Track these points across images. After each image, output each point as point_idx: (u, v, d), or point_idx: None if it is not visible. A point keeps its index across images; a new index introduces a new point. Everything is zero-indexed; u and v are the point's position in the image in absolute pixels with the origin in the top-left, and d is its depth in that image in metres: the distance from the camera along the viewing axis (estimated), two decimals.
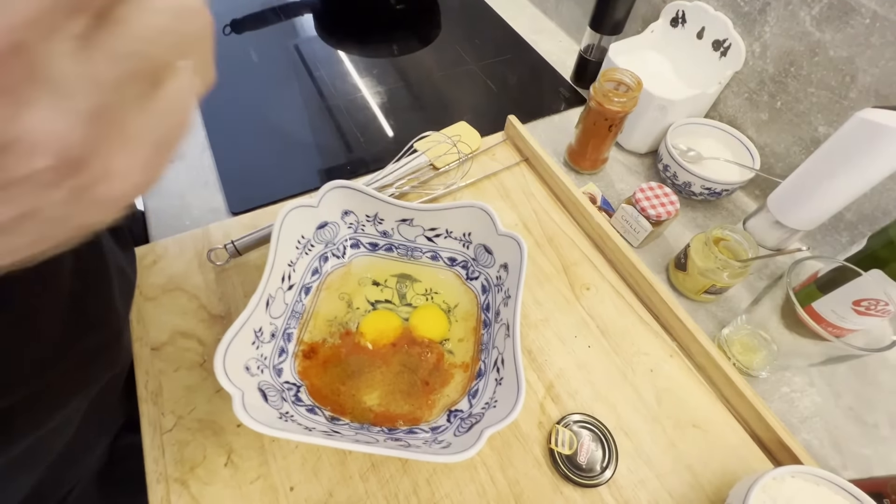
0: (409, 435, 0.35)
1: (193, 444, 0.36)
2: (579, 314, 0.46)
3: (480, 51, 0.77)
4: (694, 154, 0.57)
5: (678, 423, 0.40)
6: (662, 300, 0.45)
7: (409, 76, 0.72)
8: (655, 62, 0.63)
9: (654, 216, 0.49)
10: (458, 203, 0.43)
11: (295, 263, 0.40)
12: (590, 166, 0.60)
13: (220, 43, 0.73)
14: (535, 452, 0.38)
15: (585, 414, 0.39)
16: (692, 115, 0.59)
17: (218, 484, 0.35)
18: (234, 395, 0.29)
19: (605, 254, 0.50)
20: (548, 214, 0.53)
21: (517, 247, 0.39)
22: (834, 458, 0.42)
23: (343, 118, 0.64)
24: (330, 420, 0.35)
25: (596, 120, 0.54)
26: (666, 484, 0.38)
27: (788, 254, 0.44)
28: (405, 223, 0.44)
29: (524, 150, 0.58)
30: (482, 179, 0.55)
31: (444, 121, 0.60)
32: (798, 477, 0.33)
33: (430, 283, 0.45)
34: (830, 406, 0.44)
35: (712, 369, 0.42)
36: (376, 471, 0.36)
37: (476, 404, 0.36)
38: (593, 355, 0.43)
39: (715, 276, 0.46)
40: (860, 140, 0.41)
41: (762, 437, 0.40)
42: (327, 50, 0.75)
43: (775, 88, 0.53)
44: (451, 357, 0.40)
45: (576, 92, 0.71)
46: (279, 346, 0.37)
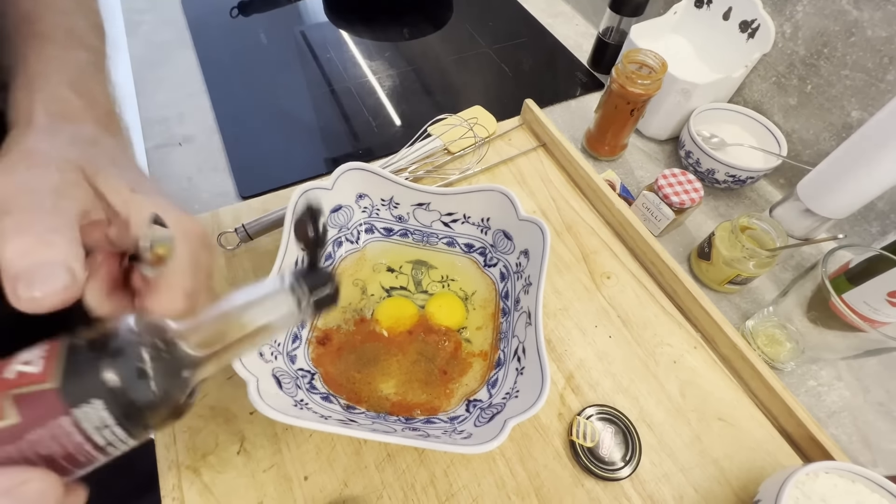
0: (427, 425, 0.34)
1: (205, 431, 0.35)
2: (600, 303, 0.44)
3: (494, 34, 0.74)
4: (717, 140, 0.55)
5: (703, 416, 0.39)
6: (686, 290, 0.43)
7: (421, 60, 0.70)
8: (678, 45, 0.61)
9: (677, 203, 0.47)
10: (477, 186, 0.41)
11: None
12: (609, 153, 0.58)
13: (228, 25, 0.71)
14: (556, 444, 0.37)
15: (607, 406, 0.38)
16: (716, 99, 0.57)
17: (231, 472, 0.34)
18: (248, 381, 0.28)
19: (625, 242, 0.49)
20: (566, 201, 0.52)
21: (539, 232, 0.38)
22: (863, 453, 0.40)
23: (354, 103, 0.62)
24: (345, 409, 0.34)
25: (617, 103, 0.52)
26: (690, 478, 0.36)
27: (820, 242, 0.42)
28: (421, 207, 0.43)
29: (542, 135, 0.56)
30: (498, 165, 0.54)
31: (457, 106, 0.59)
32: (832, 473, 0.32)
33: (446, 269, 0.43)
34: (859, 401, 0.43)
35: (738, 361, 0.41)
36: (392, 461, 0.35)
37: (496, 394, 0.35)
38: (614, 346, 0.42)
39: (740, 266, 0.45)
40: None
41: (790, 431, 0.38)
42: (336, 33, 0.73)
43: (806, 71, 0.51)
44: (469, 346, 0.39)
45: (593, 76, 0.69)
46: (292, 332, 0.36)
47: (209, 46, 0.67)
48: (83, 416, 0.15)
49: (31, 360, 0.15)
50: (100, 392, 0.15)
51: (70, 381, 0.15)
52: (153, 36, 0.68)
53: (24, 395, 0.14)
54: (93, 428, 0.15)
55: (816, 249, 0.52)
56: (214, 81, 0.63)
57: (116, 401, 0.15)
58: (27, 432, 0.14)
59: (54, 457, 0.15)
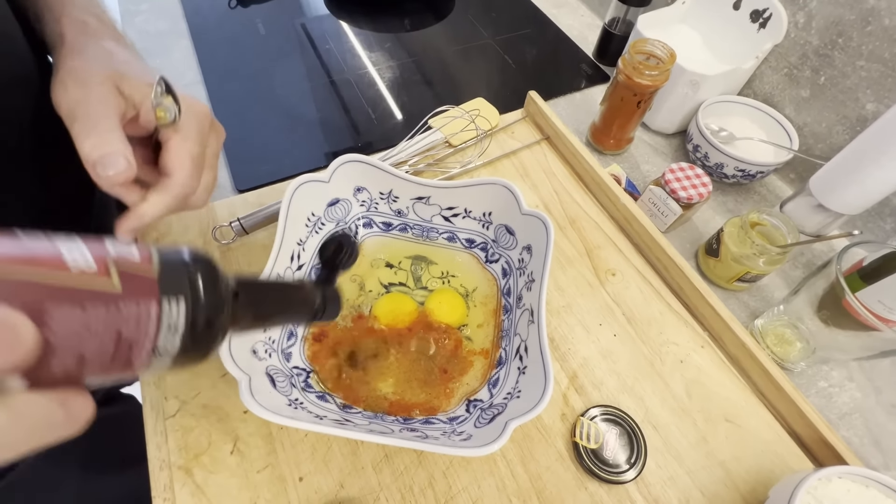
0: (426, 425, 0.33)
1: (198, 430, 0.34)
2: (604, 300, 0.43)
3: (497, 25, 0.73)
4: (726, 134, 0.54)
5: (710, 416, 0.38)
6: (693, 287, 0.42)
7: (422, 51, 0.68)
8: (686, 35, 0.59)
9: (684, 198, 0.46)
10: (478, 180, 0.40)
11: (304, 242, 0.38)
12: (614, 146, 0.57)
13: (226, 15, 0.70)
14: (558, 446, 0.36)
15: (611, 406, 0.37)
16: (725, 92, 0.56)
17: (224, 472, 0.33)
18: (240, 380, 0.27)
19: (630, 238, 0.47)
20: (570, 195, 0.50)
21: (542, 227, 0.37)
22: (875, 456, 0.39)
23: (353, 95, 0.61)
24: (342, 408, 0.33)
25: (623, 95, 0.50)
26: (697, 481, 0.35)
27: (834, 239, 0.41)
28: (421, 201, 0.41)
29: (545, 127, 0.54)
30: (500, 158, 0.52)
31: (459, 98, 0.57)
32: (845, 478, 0.31)
33: (446, 265, 0.42)
34: (871, 402, 0.42)
35: (747, 361, 0.40)
36: (390, 462, 0.34)
37: (497, 394, 0.34)
38: (619, 344, 0.41)
39: (750, 263, 0.43)
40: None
41: (800, 433, 0.37)
42: (336, 24, 0.71)
43: (819, 62, 0.49)
44: (470, 344, 0.38)
45: (598, 68, 0.67)
46: (288, 329, 0.35)
47: (206, 37, 0.66)
48: (167, 310, 0.16)
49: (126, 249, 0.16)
50: (187, 294, 0.16)
51: (166, 276, 0.16)
52: (149, 25, 0.67)
53: (128, 274, 0.15)
54: (166, 326, 0.16)
55: (827, 246, 0.51)
56: (211, 72, 0.61)
57: (194, 308, 0.16)
58: (122, 304, 0.14)
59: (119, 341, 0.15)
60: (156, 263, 0.16)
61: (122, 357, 0.15)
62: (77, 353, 0.14)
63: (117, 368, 0.15)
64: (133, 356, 0.15)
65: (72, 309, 0.13)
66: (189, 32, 0.66)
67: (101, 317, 0.14)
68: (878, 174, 0.42)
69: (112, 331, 0.14)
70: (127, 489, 0.51)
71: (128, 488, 0.51)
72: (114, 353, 0.15)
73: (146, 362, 0.16)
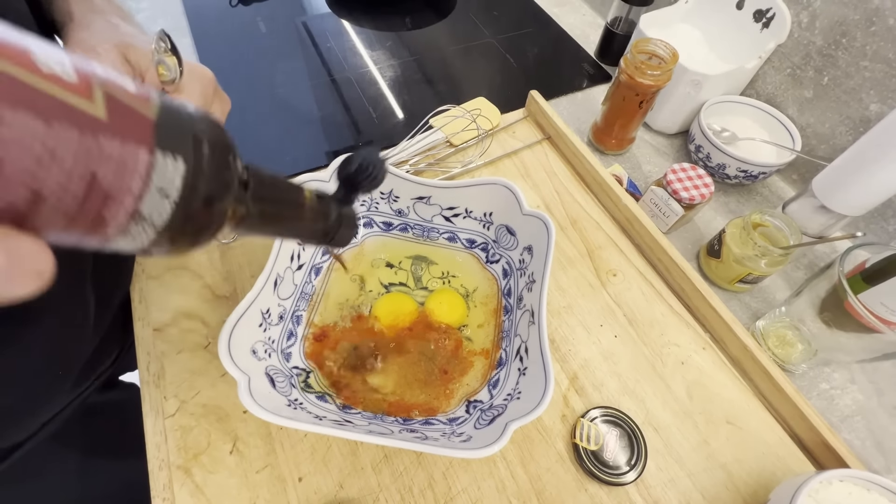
0: (426, 426, 0.33)
1: (197, 429, 0.34)
2: (605, 301, 0.43)
3: (499, 24, 0.73)
4: (728, 134, 0.54)
5: (711, 418, 0.38)
6: (695, 288, 0.42)
7: (423, 50, 0.68)
8: (689, 35, 0.59)
9: (686, 199, 0.46)
10: (479, 180, 0.40)
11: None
12: (616, 146, 0.56)
13: (227, 14, 0.70)
14: (559, 447, 0.36)
15: (612, 407, 0.37)
16: (728, 92, 0.55)
17: (223, 472, 0.33)
18: (239, 380, 0.27)
19: (632, 238, 0.47)
20: (571, 195, 0.50)
21: (544, 228, 0.36)
22: (877, 459, 0.39)
23: (354, 93, 0.61)
24: (341, 409, 0.33)
25: (625, 95, 0.50)
26: (698, 483, 0.35)
27: (836, 241, 0.40)
28: (422, 201, 0.41)
29: (546, 127, 0.54)
30: (502, 158, 0.52)
31: (460, 97, 0.57)
32: (847, 481, 0.31)
33: (447, 265, 0.42)
34: (873, 405, 0.42)
35: (748, 363, 0.39)
36: (389, 462, 0.34)
37: (497, 395, 0.34)
38: (620, 345, 0.41)
39: (752, 264, 0.43)
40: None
41: (802, 435, 0.37)
42: (337, 22, 0.71)
43: (823, 62, 0.49)
44: (470, 344, 0.38)
45: (600, 68, 0.67)
46: (288, 328, 0.35)
47: (207, 35, 0.66)
48: (160, 165, 0.12)
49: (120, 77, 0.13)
50: (188, 153, 0.13)
51: (166, 124, 0.13)
52: (151, 24, 0.67)
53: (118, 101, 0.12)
54: (156, 186, 0.13)
55: (830, 248, 0.51)
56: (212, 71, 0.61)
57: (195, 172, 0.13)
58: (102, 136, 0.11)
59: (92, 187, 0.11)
60: (155, 105, 0.13)
61: (94, 210, 0.12)
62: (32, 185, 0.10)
63: (84, 224, 0.12)
64: (108, 213, 0.12)
65: (31, 119, 0.10)
66: (190, 30, 0.66)
67: (73, 144, 0.11)
68: (882, 175, 0.41)
69: (84, 168, 0.11)
70: (128, 476, 0.51)
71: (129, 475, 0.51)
72: (83, 201, 0.11)
73: (122, 227, 0.13)
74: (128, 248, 0.14)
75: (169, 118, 0.13)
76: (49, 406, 0.38)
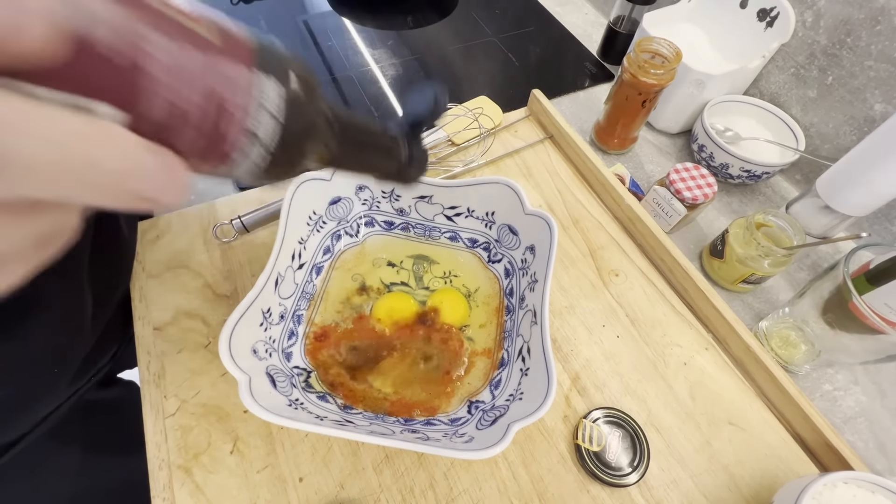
0: (427, 427, 0.32)
1: (197, 429, 0.34)
2: (607, 301, 0.43)
3: (501, 22, 0.72)
4: (732, 134, 0.53)
5: (713, 419, 0.38)
6: (698, 288, 0.42)
7: (425, 49, 0.68)
8: (692, 34, 0.59)
9: (689, 199, 0.46)
10: (481, 179, 0.39)
11: (306, 241, 0.37)
12: (618, 146, 0.56)
13: (228, 12, 0.70)
14: (560, 448, 0.36)
15: (614, 408, 0.37)
16: (731, 91, 0.55)
17: (223, 472, 0.33)
18: (240, 380, 0.27)
19: (634, 238, 0.47)
20: (573, 195, 0.50)
21: (546, 227, 0.36)
22: (880, 461, 0.39)
23: (356, 92, 0.61)
24: (342, 409, 0.33)
25: (628, 94, 0.50)
26: (700, 485, 0.35)
27: (840, 241, 0.40)
28: (423, 200, 0.41)
29: (549, 126, 0.54)
30: (503, 157, 0.52)
31: (462, 96, 0.57)
32: (851, 483, 0.31)
33: (448, 265, 0.42)
34: (876, 406, 0.41)
35: (751, 364, 0.39)
36: (391, 463, 0.34)
37: (499, 396, 0.33)
38: (622, 346, 0.41)
39: (755, 265, 0.43)
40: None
41: (805, 437, 0.37)
42: (339, 21, 0.71)
43: (827, 62, 0.48)
44: (472, 344, 0.38)
45: (602, 67, 0.67)
46: (289, 328, 0.35)
47: None
48: (262, 84, 0.14)
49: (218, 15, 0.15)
50: (284, 78, 0.15)
51: (265, 53, 0.15)
52: None
53: (225, 32, 0.14)
54: (259, 103, 0.14)
55: (833, 249, 0.50)
56: None
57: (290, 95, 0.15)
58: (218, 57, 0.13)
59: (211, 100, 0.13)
60: (253, 38, 0.15)
61: (217, 124, 0.14)
62: (172, 100, 0.13)
63: (208, 137, 0.14)
64: (226, 127, 0.14)
65: (169, 41, 0.12)
66: None
67: (198, 62, 0.13)
68: (886, 176, 0.41)
69: (206, 84, 0.13)
70: (127, 473, 0.51)
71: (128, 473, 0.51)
72: (205, 114, 0.13)
73: (238, 143, 0.14)
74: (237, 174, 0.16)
75: (265, 49, 0.15)
76: (44, 403, 0.38)
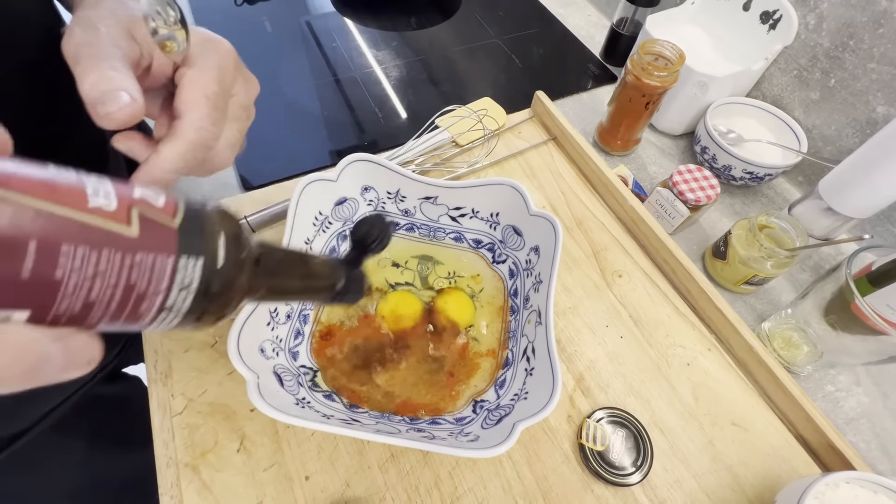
0: (433, 426, 0.33)
1: (204, 428, 0.34)
2: (610, 302, 0.43)
3: (504, 24, 0.73)
4: (734, 136, 0.54)
5: (716, 420, 0.38)
6: (701, 289, 0.42)
7: (428, 50, 0.68)
8: (695, 36, 0.59)
9: (692, 200, 0.46)
10: (486, 180, 0.40)
11: (312, 241, 0.38)
12: (621, 147, 0.56)
13: (232, 13, 0.70)
14: (565, 447, 0.36)
15: (617, 408, 0.37)
16: (734, 93, 0.55)
17: (230, 470, 0.33)
18: (248, 379, 0.27)
19: (637, 239, 0.47)
20: (577, 196, 0.50)
21: (551, 228, 0.37)
22: (882, 462, 0.39)
23: (359, 93, 0.61)
24: (348, 408, 0.33)
25: (632, 96, 0.50)
26: (703, 485, 0.35)
27: (843, 243, 0.40)
28: (428, 201, 0.41)
29: (552, 128, 0.54)
30: (507, 158, 0.52)
31: (466, 97, 0.57)
32: (853, 483, 0.31)
33: (453, 265, 0.42)
34: (878, 407, 0.42)
35: (754, 364, 0.39)
36: (396, 462, 0.34)
37: (504, 395, 0.34)
38: (625, 346, 0.41)
39: (757, 266, 0.43)
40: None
41: (807, 438, 0.37)
42: (342, 22, 0.71)
43: (830, 64, 0.49)
44: (477, 345, 0.38)
45: (605, 69, 0.67)
46: (295, 327, 0.35)
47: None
48: (183, 266, 0.15)
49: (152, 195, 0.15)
50: (206, 253, 0.16)
51: (188, 230, 0.15)
52: None
53: (149, 220, 0.15)
54: (178, 284, 0.15)
55: (835, 250, 0.51)
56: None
57: (211, 270, 0.16)
58: (138, 252, 0.14)
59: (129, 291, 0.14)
60: (180, 214, 0.15)
61: (130, 308, 0.14)
62: (84, 296, 0.13)
63: (123, 319, 0.15)
64: (142, 309, 0.15)
65: (85, 248, 0.13)
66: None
67: (115, 262, 0.13)
68: (888, 178, 0.41)
69: (123, 278, 0.14)
70: (132, 469, 0.51)
71: (133, 468, 0.51)
72: (121, 303, 0.14)
73: (154, 317, 0.15)
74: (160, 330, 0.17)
75: (190, 223, 0.16)
76: (48, 398, 0.38)
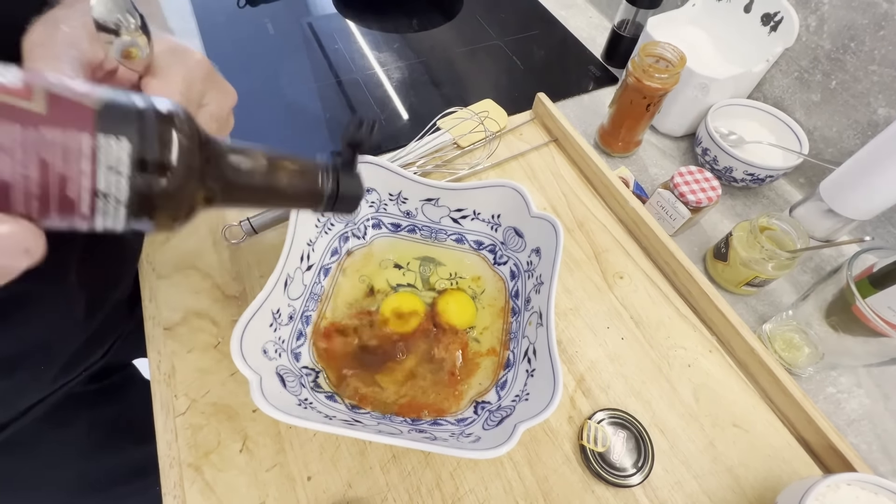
0: (434, 427, 0.33)
1: (207, 428, 0.35)
2: (612, 303, 0.43)
3: (505, 26, 0.73)
4: (735, 138, 0.54)
5: (717, 421, 0.38)
6: (702, 291, 0.42)
7: (430, 52, 0.68)
8: (696, 38, 0.59)
9: (693, 202, 0.46)
10: (488, 182, 0.40)
11: (314, 243, 0.38)
12: (622, 149, 0.56)
13: (235, 15, 0.70)
14: (565, 449, 0.36)
15: (618, 409, 0.37)
16: (735, 95, 0.55)
17: (233, 471, 0.33)
18: (251, 380, 0.27)
19: (639, 241, 0.47)
20: (578, 198, 0.50)
21: (552, 230, 0.37)
22: (884, 463, 0.39)
23: (361, 95, 0.61)
24: (350, 409, 0.33)
25: (633, 98, 0.50)
26: (704, 486, 0.35)
27: (844, 244, 0.40)
28: (430, 203, 0.41)
29: (553, 129, 0.54)
30: (509, 160, 0.52)
31: (467, 99, 0.57)
32: (854, 485, 0.31)
33: (454, 267, 0.42)
34: (879, 409, 0.42)
35: (755, 366, 0.40)
36: (398, 462, 0.34)
37: (505, 397, 0.34)
38: (626, 348, 0.41)
39: (759, 268, 0.43)
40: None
41: (809, 439, 0.37)
42: (344, 24, 0.71)
43: (831, 66, 0.49)
44: (478, 346, 0.38)
45: (607, 70, 0.67)
46: (297, 328, 0.36)
47: (216, 36, 0.66)
48: (105, 145, 0.14)
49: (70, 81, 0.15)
50: (130, 132, 0.15)
51: (110, 110, 0.15)
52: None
53: (59, 97, 0.14)
54: (105, 165, 0.14)
55: (836, 252, 0.51)
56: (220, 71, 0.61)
57: (141, 148, 0.15)
58: (44, 126, 0.13)
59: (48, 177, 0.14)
60: (100, 97, 0.15)
61: (56, 191, 0.14)
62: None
63: (57, 205, 0.14)
64: (71, 193, 0.14)
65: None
66: (199, 32, 0.67)
67: (16, 136, 0.13)
68: (889, 179, 0.41)
69: (33, 156, 0.13)
70: (131, 460, 0.51)
71: (132, 459, 0.51)
72: (42, 184, 0.14)
73: (91, 205, 0.15)
74: (115, 228, 0.16)
75: (113, 107, 0.15)
76: (26, 396, 0.38)
